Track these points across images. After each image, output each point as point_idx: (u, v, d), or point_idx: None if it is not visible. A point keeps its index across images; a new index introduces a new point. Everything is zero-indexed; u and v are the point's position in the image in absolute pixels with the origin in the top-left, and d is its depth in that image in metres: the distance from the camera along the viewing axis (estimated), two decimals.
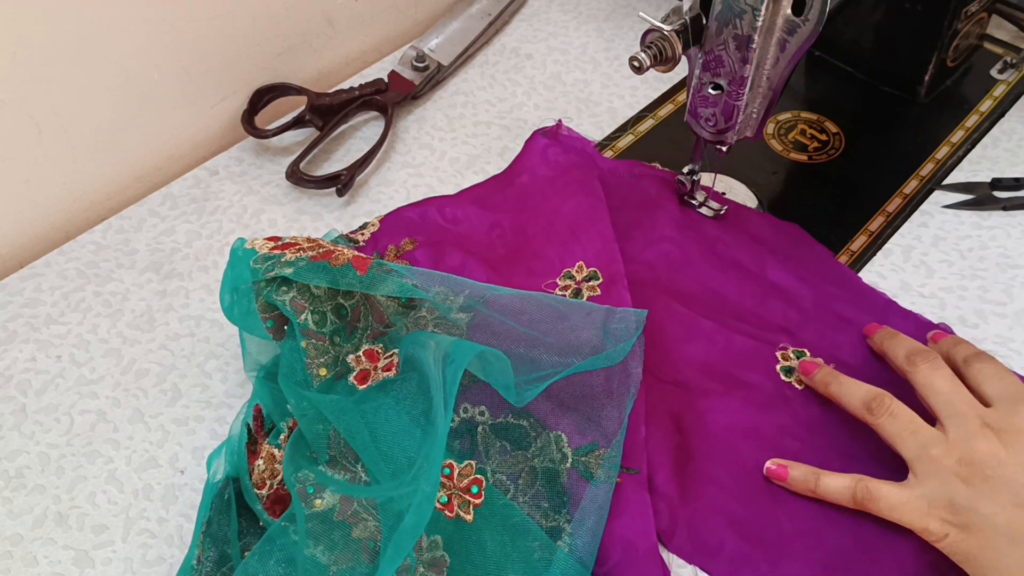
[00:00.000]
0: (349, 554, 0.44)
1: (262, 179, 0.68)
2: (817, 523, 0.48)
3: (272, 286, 0.50)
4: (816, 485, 0.48)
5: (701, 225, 0.62)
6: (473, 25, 0.77)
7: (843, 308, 0.58)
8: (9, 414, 0.54)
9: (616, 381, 0.50)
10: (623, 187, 0.64)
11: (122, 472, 0.52)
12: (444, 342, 0.48)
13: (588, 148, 0.67)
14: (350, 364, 0.51)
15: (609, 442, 0.48)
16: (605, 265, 0.58)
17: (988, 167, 0.67)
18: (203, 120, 0.70)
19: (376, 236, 0.62)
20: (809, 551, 0.47)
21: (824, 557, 0.47)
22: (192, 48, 0.65)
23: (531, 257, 0.60)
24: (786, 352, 0.55)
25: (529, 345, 0.50)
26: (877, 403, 0.48)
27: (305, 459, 0.48)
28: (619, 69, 0.76)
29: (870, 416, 0.49)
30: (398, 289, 0.51)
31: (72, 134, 0.62)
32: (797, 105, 0.72)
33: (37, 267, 0.62)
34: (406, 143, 0.70)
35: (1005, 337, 0.57)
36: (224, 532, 0.47)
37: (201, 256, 0.63)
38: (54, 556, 0.49)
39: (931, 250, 0.62)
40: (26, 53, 0.57)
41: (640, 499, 0.47)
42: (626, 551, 0.46)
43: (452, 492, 0.47)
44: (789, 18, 0.50)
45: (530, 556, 0.45)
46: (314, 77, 0.75)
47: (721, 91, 0.54)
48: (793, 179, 0.67)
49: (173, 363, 0.57)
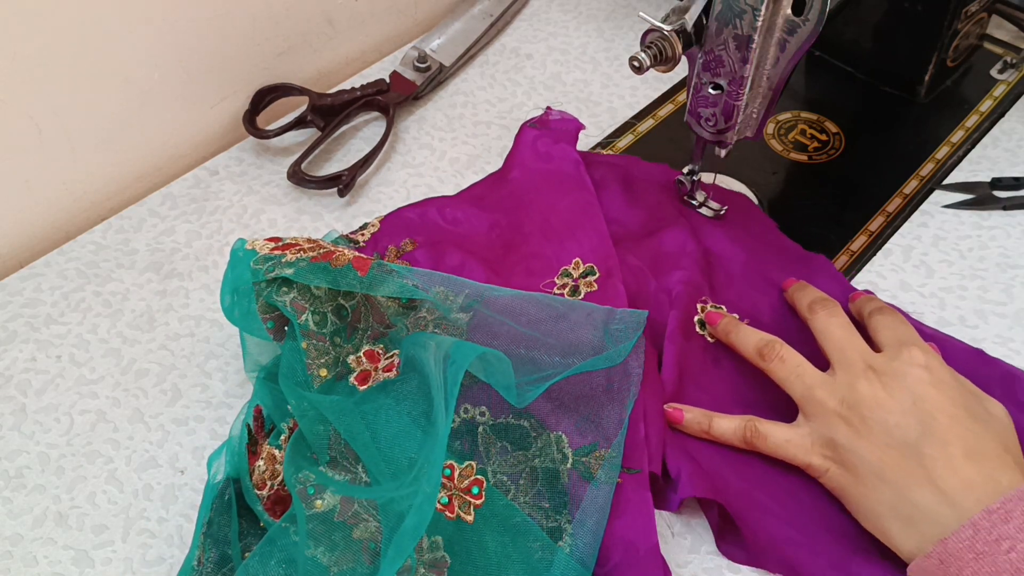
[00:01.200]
0: (350, 555, 0.44)
1: (262, 179, 0.68)
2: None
3: (273, 287, 0.50)
4: (709, 427, 0.51)
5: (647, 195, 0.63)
6: (475, 26, 0.77)
7: (773, 273, 0.59)
8: (9, 414, 0.54)
9: (616, 382, 0.50)
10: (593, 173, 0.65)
11: (122, 472, 0.52)
12: (445, 343, 0.48)
13: (572, 126, 0.66)
14: (351, 365, 0.51)
15: (609, 443, 0.48)
16: (602, 260, 0.58)
17: (988, 167, 0.67)
18: (203, 120, 0.70)
19: (376, 236, 0.62)
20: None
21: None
22: (192, 48, 0.65)
23: (529, 256, 0.60)
24: (705, 305, 0.57)
25: (529, 346, 0.50)
26: (768, 348, 0.51)
27: (306, 460, 0.48)
28: (619, 69, 0.76)
29: (762, 361, 0.51)
30: (399, 290, 0.51)
31: (72, 134, 0.62)
32: (797, 105, 0.72)
33: (37, 267, 0.62)
34: (406, 143, 0.70)
35: (1005, 337, 0.57)
36: (225, 533, 0.47)
37: (201, 256, 0.63)
38: (54, 556, 0.49)
39: (931, 250, 0.62)
40: (26, 53, 0.57)
41: (641, 499, 0.47)
42: (627, 551, 0.45)
43: (453, 493, 0.47)
44: (789, 18, 0.50)
45: (531, 557, 0.45)
46: (314, 77, 0.75)
47: (721, 91, 0.54)
48: (793, 179, 0.67)
49: (173, 363, 0.57)
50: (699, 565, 0.48)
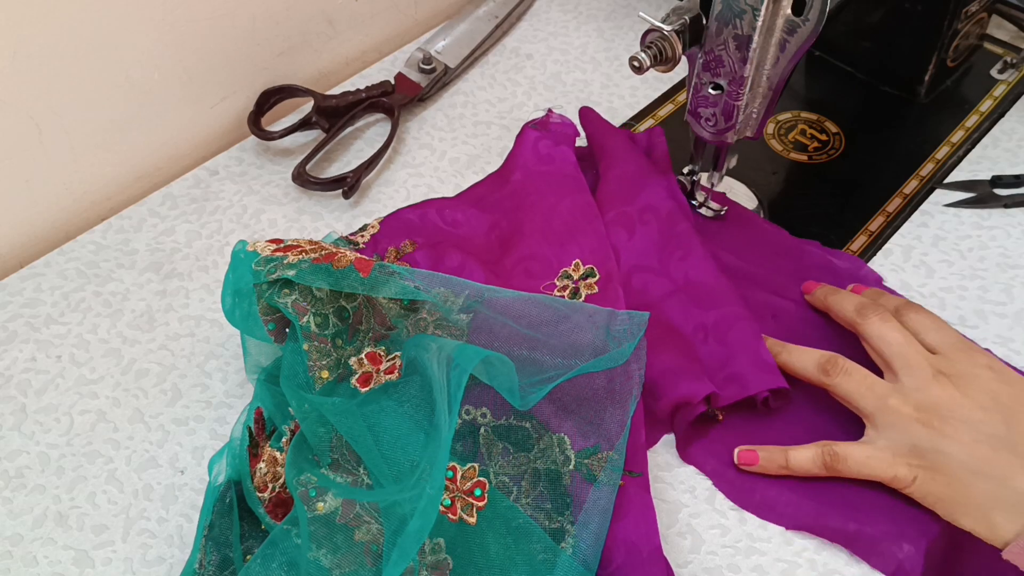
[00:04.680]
0: (352, 557, 0.44)
1: (262, 179, 0.67)
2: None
3: (274, 288, 0.50)
4: (787, 461, 0.50)
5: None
6: (480, 27, 0.77)
7: (777, 273, 0.60)
8: (9, 414, 0.54)
9: (618, 384, 0.50)
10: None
11: (122, 472, 0.52)
12: (448, 346, 0.48)
13: (571, 131, 0.66)
14: (352, 367, 0.50)
15: (611, 445, 0.48)
16: (601, 262, 0.58)
17: (988, 167, 0.67)
18: (203, 120, 0.70)
19: (376, 238, 0.62)
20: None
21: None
22: (192, 48, 0.65)
23: (529, 258, 0.60)
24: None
25: (531, 347, 0.50)
26: (831, 364, 0.51)
27: (307, 462, 0.48)
28: (619, 69, 0.76)
29: (826, 377, 0.51)
30: (400, 291, 0.51)
31: (72, 134, 0.62)
32: (797, 105, 0.72)
33: (37, 267, 0.62)
34: (406, 143, 0.70)
35: (1005, 337, 0.57)
36: (226, 536, 0.47)
37: (201, 256, 0.63)
38: (54, 556, 0.49)
39: (931, 250, 0.62)
40: (26, 53, 0.57)
41: (643, 501, 0.47)
42: (630, 554, 0.46)
43: (455, 495, 0.47)
44: (789, 18, 0.50)
45: (534, 559, 0.45)
46: (314, 77, 0.75)
47: (721, 91, 0.54)
48: (793, 179, 0.67)
49: (173, 363, 0.57)
50: (699, 565, 0.48)
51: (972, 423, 0.47)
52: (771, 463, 0.50)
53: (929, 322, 0.52)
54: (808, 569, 0.48)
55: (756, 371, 0.51)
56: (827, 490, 0.50)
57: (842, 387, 0.50)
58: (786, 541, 0.49)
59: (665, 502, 0.51)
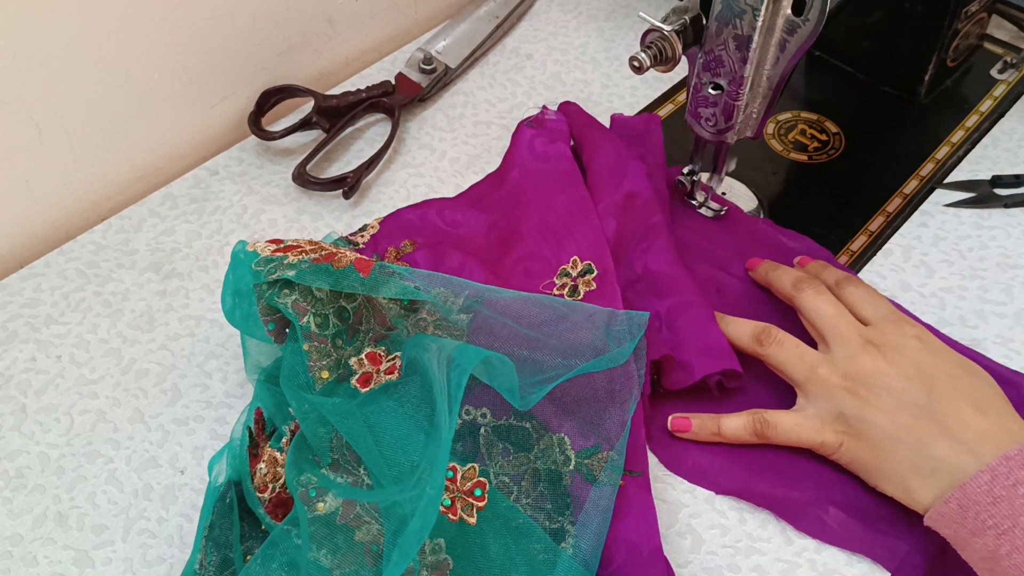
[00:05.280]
0: (352, 558, 0.44)
1: (262, 179, 0.67)
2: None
3: (274, 289, 0.50)
4: (719, 428, 0.52)
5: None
6: (480, 27, 0.77)
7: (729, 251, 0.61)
8: (9, 414, 0.54)
9: (618, 384, 0.50)
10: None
11: (122, 472, 0.52)
12: (448, 346, 0.48)
13: (565, 126, 0.66)
14: (352, 367, 0.50)
15: (611, 445, 0.48)
16: (598, 257, 0.58)
17: (988, 167, 0.67)
18: (203, 120, 0.70)
19: (376, 238, 0.62)
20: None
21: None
22: (192, 48, 0.65)
23: (527, 257, 0.60)
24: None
25: (531, 347, 0.50)
26: (765, 335, 0.52)
27: (308, 462, 0.48)
28: (619, 69, 0.76)
29: (760, 347, 0.53)
30: (400, 291, 0.51)
31: (72, 134, 0.62)
32: (797, 105, 0.72)
33: (37, 267, 0.62)
34: (407, 143, 0.70)
35: (1005, 337, 0.57)
36: (226, 536, 0.47)
37: (201, 256, 0.63)
38: (54, 556, 0.49)
39: (931, 250, 0.62)
40: (26, 53, 0.57)
41: (643, 502, 0.47)
42: (630, 554, 0.46)
43: (455, 495, 0.47)
44: (789, 18, 0.50)
45: (534, 559, 0.45)
46: (314, 77, 0.75)
47: (721, 91, 0.54)
48: (793, 179, 0.67)
49: (173, 363, 0.57)
50: (699, 565, 0.48)
51: (895, 391, 0.48)
52: (704, 430, 0.52)
53: (865, 295, 0.54)
54: (808, 569, 0.48)
55: (701, 357, 0.52)
56: (758, 457, 0.51)
57: (775, 357, 0.52)
58: (786, 541, 0.49)
59: (665, 502, 0.51)
